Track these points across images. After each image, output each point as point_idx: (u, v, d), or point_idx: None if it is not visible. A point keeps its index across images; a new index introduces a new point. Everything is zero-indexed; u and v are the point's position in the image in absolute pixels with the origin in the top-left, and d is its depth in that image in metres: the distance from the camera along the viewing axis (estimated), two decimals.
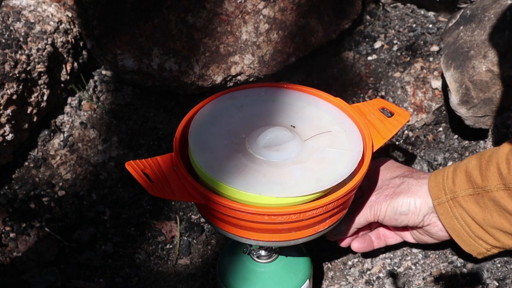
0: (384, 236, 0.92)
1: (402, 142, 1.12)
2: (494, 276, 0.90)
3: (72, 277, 0.95)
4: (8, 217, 1.01)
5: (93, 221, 1.02)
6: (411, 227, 0.88)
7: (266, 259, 0.82)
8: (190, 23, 1.10)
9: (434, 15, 1.29)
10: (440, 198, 0.82)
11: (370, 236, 0.91)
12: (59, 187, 1.07)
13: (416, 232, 0.89)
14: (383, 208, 0.85)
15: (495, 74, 0.96)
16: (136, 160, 0.74)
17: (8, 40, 1.03)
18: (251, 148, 0.75)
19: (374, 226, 0.92)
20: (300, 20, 1.14)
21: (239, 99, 0.82)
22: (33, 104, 1.08)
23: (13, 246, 0.98)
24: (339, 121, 0.80)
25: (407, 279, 0.93)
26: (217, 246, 1.00)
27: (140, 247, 0.99)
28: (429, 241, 0.88)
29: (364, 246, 0.90)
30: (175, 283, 0.95)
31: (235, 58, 1.12)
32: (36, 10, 1.12)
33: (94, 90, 1.20)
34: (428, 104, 1.13)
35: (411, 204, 0.83)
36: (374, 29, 1.28)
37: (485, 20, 1.00)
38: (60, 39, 1.12)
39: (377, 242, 0.92)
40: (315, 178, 0.71)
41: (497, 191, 0.77)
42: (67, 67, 1.15)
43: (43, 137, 1.12)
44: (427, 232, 0.87)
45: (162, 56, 1.11)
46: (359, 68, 1.22)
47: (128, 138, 1.13)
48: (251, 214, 0.69)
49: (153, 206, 1.04)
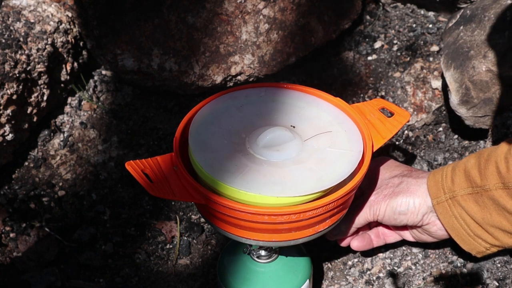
0: (383, 234, 0.92)
1: (402, 142, 1.12)
2: (494, 276, 0.90)
3: (72, 277, 0.95)
4: (8, 217, 1.01)
5: (93, 221, 1.02)
6: (411, 226, 0.88)
7: (266, 259, 0.82)
8: (190, 23, 1.10)
9: (434, 15, 1.29)
10: (439, 197, 0.82)
11: (369, 234, 0.91)
12: (59, 187, 1.07)
13: (415, 231, 0.89)
14: (382, 208, 0.85)
15: (495, 74, 0.96)
16: (136, 160, 0.74)
17: (8, 40, 1.03)
18: (251, 148, 0.75)
19: (373, 225, 0.93)
20: (300, 20, 1.14)
21: (239, 99, 0.82)
22: (33, 104, 1.08)
23: (13, 246, 0.98)
24: (339, 121, 0.80)
25: (407, 279, 0.93)
26: (217, 246, 1.00)
27: (140, 247, 0.99)
28: (428, 240, 0.88)
29: (364, 245, 0.90)
30: (175, 283, 0.95)
31: (235, 58, 1.12)
32: (36, 10, 1.12)
33: (94, 90, 1.20)
34: (428, 104, 1.13)
35: (410, 203, 0.83)
36: (374, 29, 1.28)
37: (485, 20, 1.00)
38: (60, 39, 1.12)
39: (376, 241, 0.92)
40: (315, 178, 0.71)
41: (496, 190, 0.77)
42: (67, 67, 1.15)
43: (43, 137, 1.12)
44: (426, 231, 0.87)
45: (162, 56, 1.11)
46: (359, 68, 1.22)
47: (128, 138, 1.13)
48: (251, 214, 0.69)
49: (153, 206, 1.04)
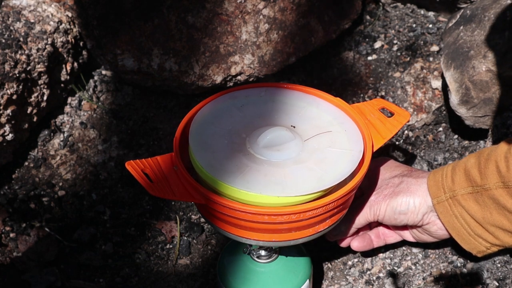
0: (383, 235, 0.92)
1: (402, 142, 1.12)
2: (494, 276, 0.90)
3: (72, 277, 0.95)
4: (8, 217, 1.01)
5: (93, 221, 1.02)
6: (411, 226, 0.88)
7: (266, 259, 0.82)
8: (190, 23, 1.10)
9: (434, 15, 1.29)
10: (439, 196, 0.82)
11: (369, 235, 0.91)
12: (59, 187, 1.07)
13: (416, 231, 0.89)
14: (383, 208, 0.85)
15: (495, 74, 0.96)
16: (136, 160, 0.74)
17: (8, 40, 1.03)
18: (251, 148, 0.75)
19: (373, 226, 0.93)
20: (300, 20, 1.14)
21: (239, 99, 0.82)
22: (33, 104, 1.08)
23: (13, 246, 0.98)
24: (339, 121, 0.80)
25: (407, 279, 0.93)
26: (217, 246, 1.00)
27: (140, 247, 0.99)
28: (429, 240, 0.88)
29: (364, 245, 0.90)
30: (175, 283, 0.95)
31: (235, 58, 1.12)
32: (36, 10, 1.12)
33: (94, 90, 1.20)
34: (428, 104, 1.13)
35: (410, 203, 0.83)
36: (374, 29, 1.28)
37: (485, 20, 1.00)
38: (60, 39, 1.12)
39: (376, 241, 0.92)
40: (316, 178, 0.71)
41: (496, 189, 0.77)
42: (67, 67, 1.15)
43: (43, 137, 1.12)
44: (427, 231, 0.87)
45: (162, 56, 1.11)
46: (359, 68, 1.22)
47: (128, 138, 1.13)
48: (251, 214, 0.69)
49: (153, 206, 1.04)
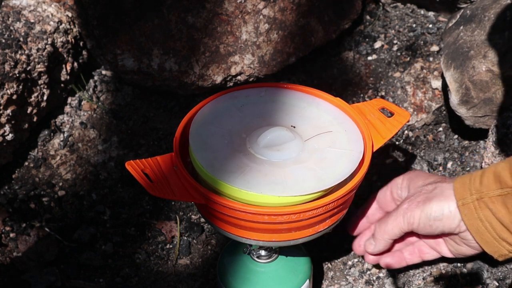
0: (420, 251, 0.88)
1: (402, 142, 1.12)
2: (494, 276, 0.90)
3: (72, 277, 0.95)
4: (8, 217, 1.01)
5: (93, 221, 1.02)
6: (447, 233, 0.83)
7: (266, 259, 0.82)
8: (190, 23, 1.10)
9: (434, 15, 1.29)
10: (464, 198, 0.78)
11: (401, 252, 0.88)
12: (59, 187, 1.07)
13: (453, 243, 0.84)
14: (417, 215, 0.81)
15: (495, 74, 0.96)
16: (136, 160, 0.74)
17: (8, 40, 1.03)
18: (251, 148, 0.75)
19: (409, 242, 0.89)
20: (300, 20, 1.14)
21: (239, 99, 0.82)
22: (33, 104, 1.08)
23: (13, 246, 0.98)
24: (339, 121, 0.80)
25: (407, 279, 0.93)
26: (217, 246, 1.00)
27: (140, 247, 0.99)
28: (468, 252, 0.83)
29: (395, 262, 0.87)
30: (175, 283, 0.95)
31: (235, 58, 1.12)
32: (36, 10, 1.12)
33: (94, 90, 1.20)
34: (428, 104, 1.13)
35: (445, 208, 0.79)
36: (374, 29, 1.28)
37: (485, 20, 1.00)
38: (60, 39, 1.12)
39: (410, 258, 0.88)
40: (316, 178, 0.71)
41: None
42: (67, 67, 1.15)
43: (43, 137, 1.12)
44: (464, 240, 0.82)
45: (162, 56, 1.11)
46: (359, 68, 1.22)
47: (128, 138, 1.13)
48: (251, 214, 0.69)
49: (153, 206, 1.04)
